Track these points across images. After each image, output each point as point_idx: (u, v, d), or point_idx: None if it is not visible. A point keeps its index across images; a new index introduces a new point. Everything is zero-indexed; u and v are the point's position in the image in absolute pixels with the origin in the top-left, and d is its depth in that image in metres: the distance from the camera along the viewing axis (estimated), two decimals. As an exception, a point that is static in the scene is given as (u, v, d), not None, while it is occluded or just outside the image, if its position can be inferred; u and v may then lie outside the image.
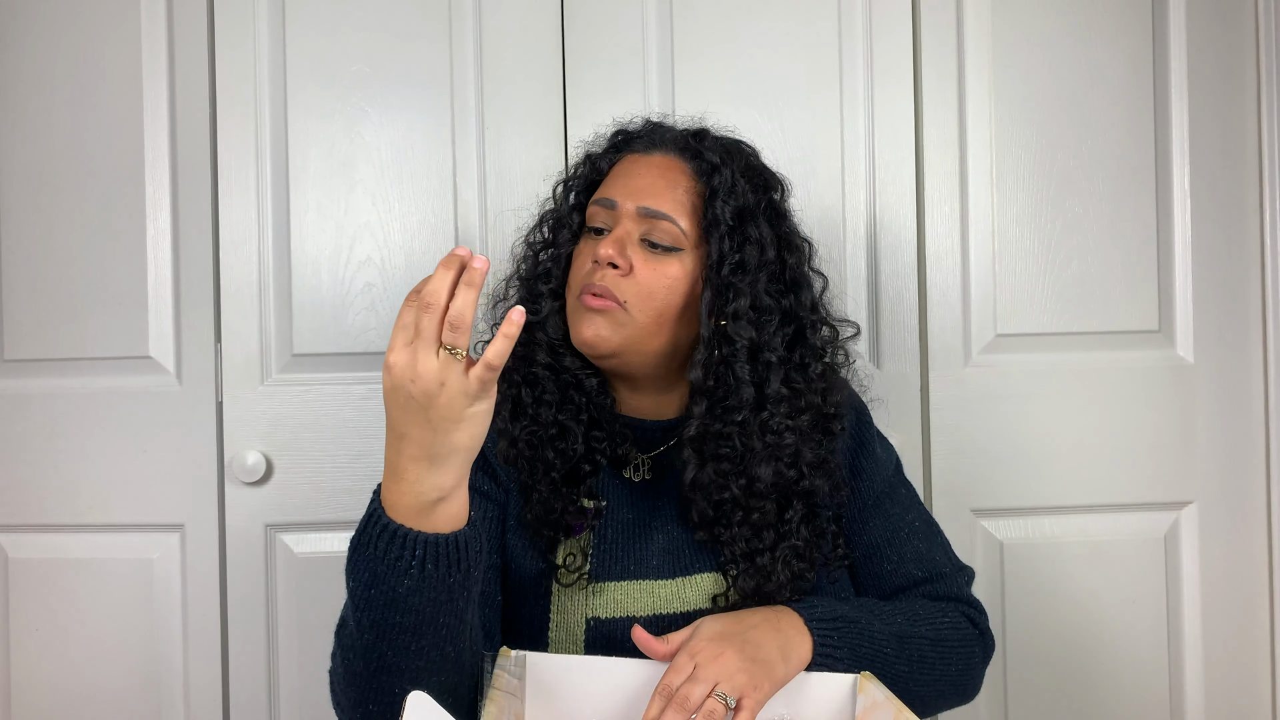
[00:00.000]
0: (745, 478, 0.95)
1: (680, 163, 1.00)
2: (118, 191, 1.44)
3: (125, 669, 1.45)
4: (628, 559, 0.99)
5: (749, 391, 0.95)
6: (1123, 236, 1.48)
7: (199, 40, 1.44)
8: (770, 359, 0.96)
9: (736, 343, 0.95)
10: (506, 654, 0.87)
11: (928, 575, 1.04)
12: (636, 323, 0.95)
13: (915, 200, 1.47)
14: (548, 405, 0.99)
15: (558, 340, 1.00)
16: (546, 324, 1.00)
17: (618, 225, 0.97)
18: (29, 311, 1.45)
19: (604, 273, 0.95)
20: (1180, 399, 1.49)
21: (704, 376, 0.95)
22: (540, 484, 0.98)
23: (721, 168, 0.98)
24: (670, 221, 0.96)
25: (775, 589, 0.95)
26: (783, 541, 0.97)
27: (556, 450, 0.99)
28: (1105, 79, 1.48)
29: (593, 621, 0.97)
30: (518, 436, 0.99)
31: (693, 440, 0.96)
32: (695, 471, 0.96)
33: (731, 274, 0.95)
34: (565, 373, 1.00)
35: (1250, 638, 1.50)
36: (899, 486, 1.09)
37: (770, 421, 0.95)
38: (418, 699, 0.72)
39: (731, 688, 0.83)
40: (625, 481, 1.03)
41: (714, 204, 0.97)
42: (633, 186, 0.98)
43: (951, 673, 0.98)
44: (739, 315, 0.95)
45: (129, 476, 1.44)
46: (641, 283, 0.95)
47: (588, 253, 0.99)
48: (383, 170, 1.44)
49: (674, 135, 1.04)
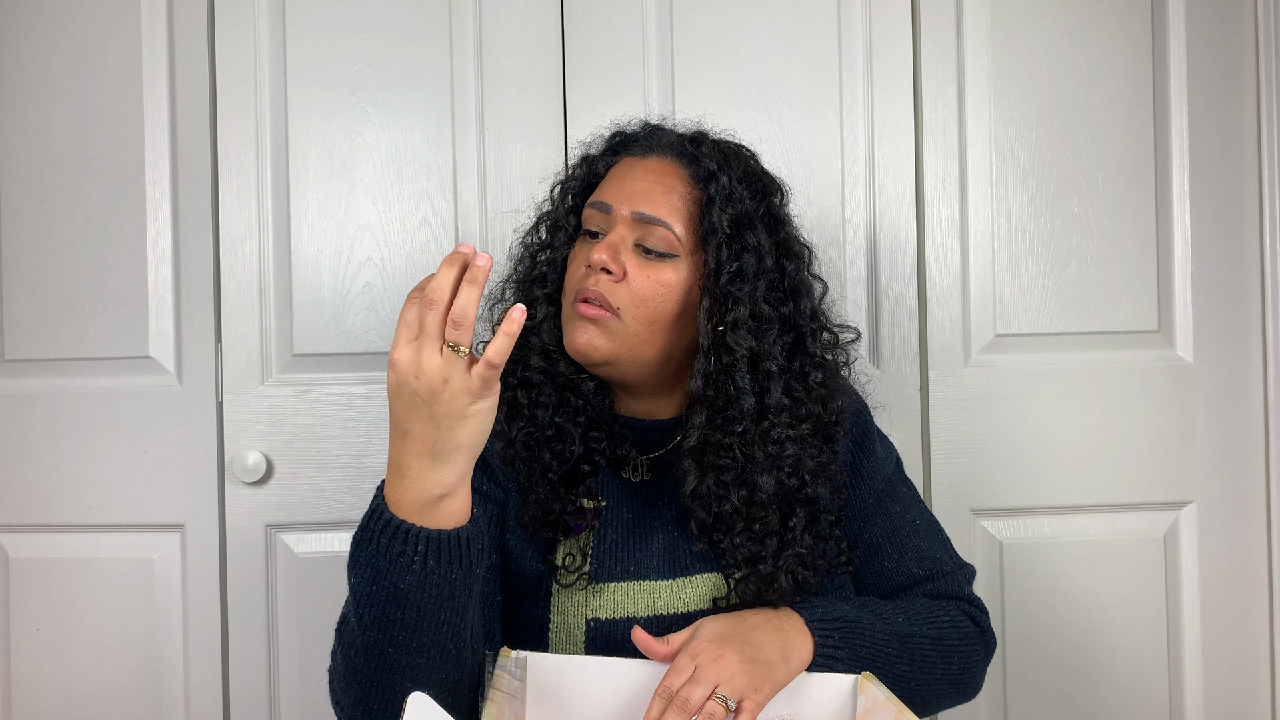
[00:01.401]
0: (746, 488, 0.94)
1: (677, 167, 0.98)
2: (118, 191, 1.44)
3: (125, 669, 1.45)
4: (628, 560, 0.99)
5: (750, 401, 0.94)
6: (1122, 237, 1.48)
7: (199, 40, 1.44)
8: (770, 368, 0.95)
9: (736, 352, 0.93)
10: (507, 654, 0.87)
11: (928, 573, 1.04)
12: (629, 330, 0.94)
13: (915, 200, 1.47)
14: (544, 407, 0.99)
15: (552, 346, 0.99)
16: (541, 329, 0.99)
17: (612, 230, 0.96)
18: (29, 311, 1.45)
19: (597, 278, 0.94)
20: (1180, 399, 1.49)
21: (704, 386, 0.94)
22: (538, 485, 0.98)
23: (719, 174, 0.96)
24: (665, 228, 0.95)
25: (778, 597, 0.94)
26: (786, 550, 0.96)
27: (554, 452, 0.98)
28: (1105, 79, 1.48)
29: (593, 622, 0.97)
30: (514, 437, 0.98)
31: (693, 450, 0.95)
32: (696, 482, 0.95)
33: (730, 283, 0.94)
34: (560, 377, 0.99)
35: (1250, 637, 1.50)
36: (899, 485, 1.08)
37: (771, 431, 0.94)
38: (418, 699, 0.72)
39: (732, 690, 0.83)
40: (624, 482, 1.03)
41: (711, 211, 0.95)
42: (628, 190, 0.97)
43: (953, 671, 0.98)
44: (738, 324, 0.93)
45: (129, 476, 1.44)
46: (635, 289, 0.94)
47: (582, 256, 0.97)
48: (383, 171, 1.44)
49: (671, 139, 1.02)
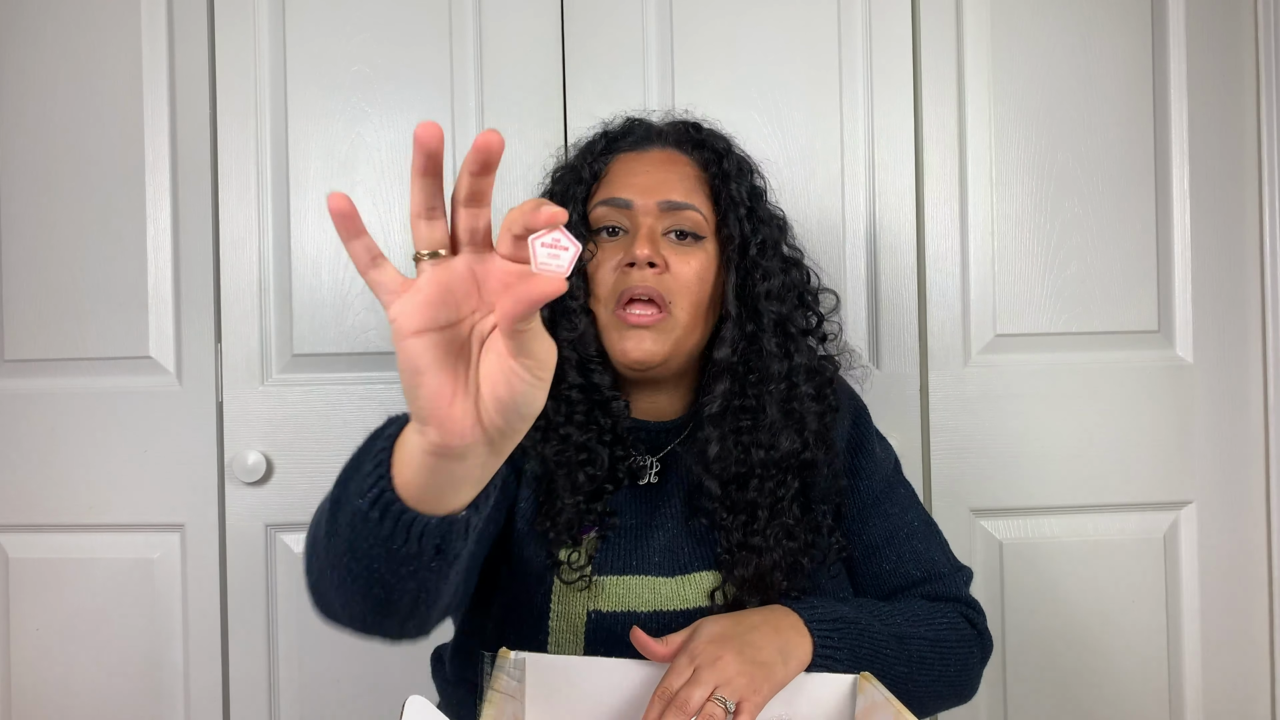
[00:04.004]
0: (765, 448, 0.96)
1: (681, 154, 1.01)
2: (118, 192, 1.44)
3: (125, 669, 1.45)
4: (631, 555, 0.99)
5: (780, 364, 0.97)
6: (1122, 237, 1.48)
7: (199, 41, 1.44)
8: (792, 331, 0.99)
9: (764, 319, 0.97)
10: (506, 655, 0.87)
11: (926, 575, 1.04)
12: (679, 322, 0.95)
13: (915, 200, 1.47)
14: (577, 426, 0.97)
15: (592, 357, 0.97)
16: (581, 341, 0.97)
17: (639, 224, 0.96)
18: (29, 311, 1.45)
19: (642, 273, 0.94)
20: (1179, 399, 1.49)
21: (732, 354, 0.97)
22: (564, 499, 0.96)
23: (726, 153, 1.01)
24: (694, 210, 0.97)
25: (771, 567, 0.96)
26: (775, 520, 0.97)
27: (586, 474, 0.97)
28: (1105, 79, 1.48)
29: (594, 614, 0.97)
30: (548, 457, 0.97)
31: (713, 417, 0.97)
32: (718, 447, 0.96)
33: (758, 254, 0.98)
34: (595, 391, 0.98)
35: (1249, 637, 1.50)
36: (898, 486, 1.09)
37: (792, 391, 0.98)
38: (416, 702, 0.72)
39: (731, 691, 0.83)
40: (633, 485, 1.03)
41: (729, 186, 0.99)
42: (644, 183, 0.98)
43: (950, 673, 0.98)
44: (770, 294, 0.97)
45: (129, 476, 1.44)
46: (678, 277, 0.95)
47: (608, 258, 0.96)
48: (383, 170, 1.44)
49: (670, 128, 1.05)
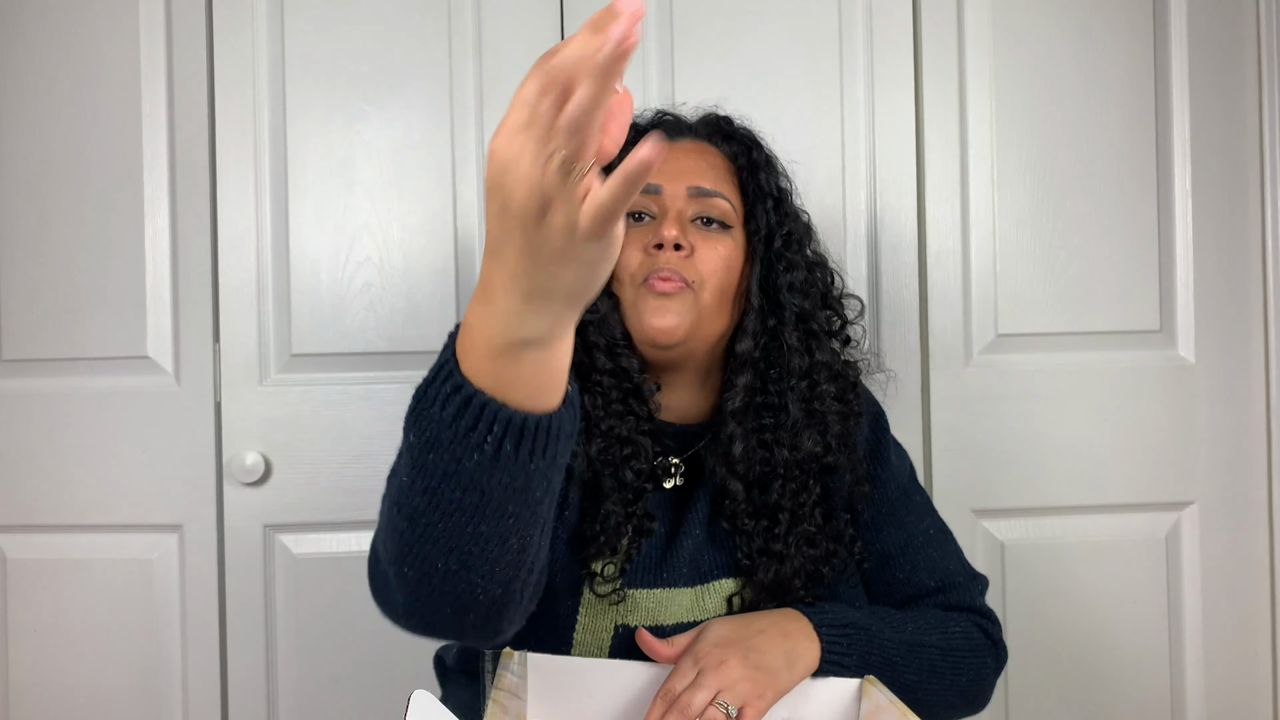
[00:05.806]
0: (787, 447, 0.95)
1: (710, 146, 1.02)
2: (116, 191, 1.44)
3: (124, 669, 1.44)
4: (660, 566, 0.96)
5: (802, 360, 0.96)
6: (1124, 236, 1.48)
7: (197, 40, 1.44)
8: (814, 328, 0.98)
9: (786, 312, 0.96)
10: (509, 654, 0.87)
11: (940, 585, 1.02)
12: (703, 303, 0.94)
13: (916, 200, 1.47)
14: (616, 417, 0.94)
15: (619, 338, 0.95)
16: (604, 323, 0.96)
17: (668, 209, 0.96)
18: (28, 311, 1.44)
19: (669, 256, 0.93)
20: (1181, 399, 1.49)
21: (753, 347, 0.96)
22: (612, 502, 0.93)
23: (755, 146, 1.02)
24: (723, 198, 0.97)
25: (791, 574, 0.94)
26: (796, 525, 0.96)
27: (633, 471, 0.94)
28: (1106, 79, 1.48)
29: (621, 628, 0.94)
30: (594, 457, 0.93)
31: (736, 413, 0.95)
32: (742, 445, 0.95)
33: (784, 246, 0.98)
34: (625, 377, 0.95)
35: (1251, 638, 1.50)
36: (913, 494, 1.07)
37: (814, 389, 0.97)
38: (420, 698, 0.71)
39: (734, 696, 0.82)
40: (660, 489, 1.00)
41: (757, 176, 0.99)
42: (673, 169, 0.98)
43: (962, 683, 0.97)
44: (794, 286, 0.97)
45: (128, 477, 1.44)
46: (704, 262, 0.94)
47: (634, 241, 0.95)
48: (382, 170, 1.44)
49: (700, 120, 1.06)
